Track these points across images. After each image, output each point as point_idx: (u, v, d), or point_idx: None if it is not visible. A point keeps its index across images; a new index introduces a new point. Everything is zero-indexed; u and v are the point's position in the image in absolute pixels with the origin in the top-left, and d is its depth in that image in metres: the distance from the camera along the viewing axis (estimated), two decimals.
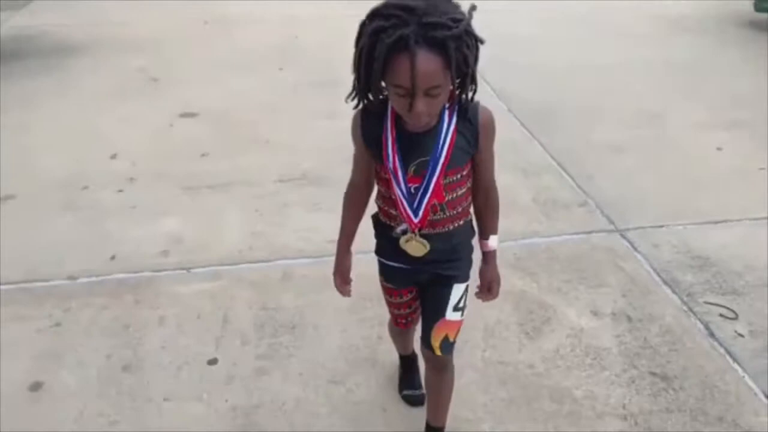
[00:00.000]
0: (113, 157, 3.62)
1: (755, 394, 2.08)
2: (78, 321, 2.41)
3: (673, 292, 2.54)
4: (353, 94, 1.37)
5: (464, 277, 1.64)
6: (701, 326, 2.37)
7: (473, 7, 1.31)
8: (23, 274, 2.65)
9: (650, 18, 6.49)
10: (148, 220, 3.03)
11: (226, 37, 5.76)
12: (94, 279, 2.64)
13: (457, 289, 1.62)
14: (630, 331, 2.34)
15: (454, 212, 1.50)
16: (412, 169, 1.43)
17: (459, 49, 1.23)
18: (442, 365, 1.74)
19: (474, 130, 1.42)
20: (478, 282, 1.68)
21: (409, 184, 1.44)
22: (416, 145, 1.41)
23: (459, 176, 1.46)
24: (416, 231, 1.49)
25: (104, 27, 5.92)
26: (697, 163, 3.58)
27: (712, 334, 2.33)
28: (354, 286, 1.74)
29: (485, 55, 1.35)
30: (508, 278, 2.57)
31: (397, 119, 1.40)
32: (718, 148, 3.72)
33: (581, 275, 2.64)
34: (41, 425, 1.99)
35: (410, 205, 1.47)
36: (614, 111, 4.26)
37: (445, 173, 1.43)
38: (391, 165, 1.44)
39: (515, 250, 2.79)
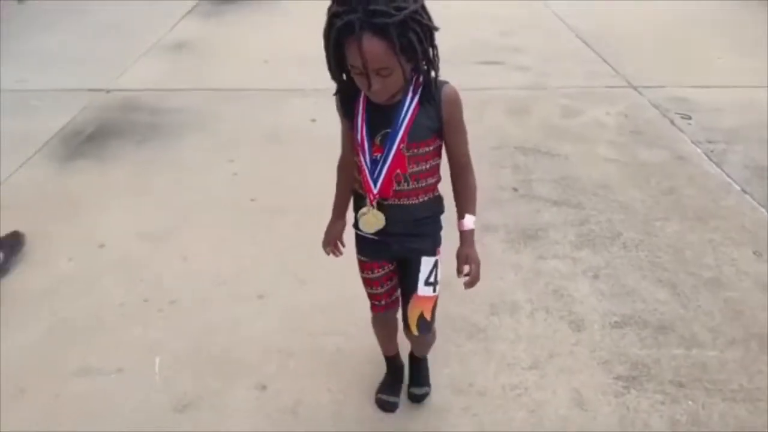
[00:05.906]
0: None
1: (687, 142, 3.89)
2: None
3: (657, 108, 4.35)
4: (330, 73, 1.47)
5: (431, 252, 1.70)
6: (668, 121, 4.17)
7: None
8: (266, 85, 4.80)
9: None
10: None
11: None
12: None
13: (426, 263, 1.68)
14: (626, 120, 4.19)
15: (418, 185, 1.59)
16: (378, 139, 1.54)
17: (403, 34, 1.31)
18: (422, 343, 1.96)
19: (437, 106, 1.51)
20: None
21: (375, 154, 1.55)
22: (382, 118, 1.52)
23: (424, 150, 1.55)
24: (374, 203, 1.59)
25: None
26: (701, 64, 5.25)
27: (673, 123, 4.14)
28: None
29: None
30: (559, 100, 4.46)
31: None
32: (719, 58, 5.38)
33: (603, 101, 4.48)
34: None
35: (371, 174, 1.56)
36: (652, 39, 5.91)
37: (407, 145, 1.52)
38: (359, 135, 1.55)
39: (567, 92, 4.64)
